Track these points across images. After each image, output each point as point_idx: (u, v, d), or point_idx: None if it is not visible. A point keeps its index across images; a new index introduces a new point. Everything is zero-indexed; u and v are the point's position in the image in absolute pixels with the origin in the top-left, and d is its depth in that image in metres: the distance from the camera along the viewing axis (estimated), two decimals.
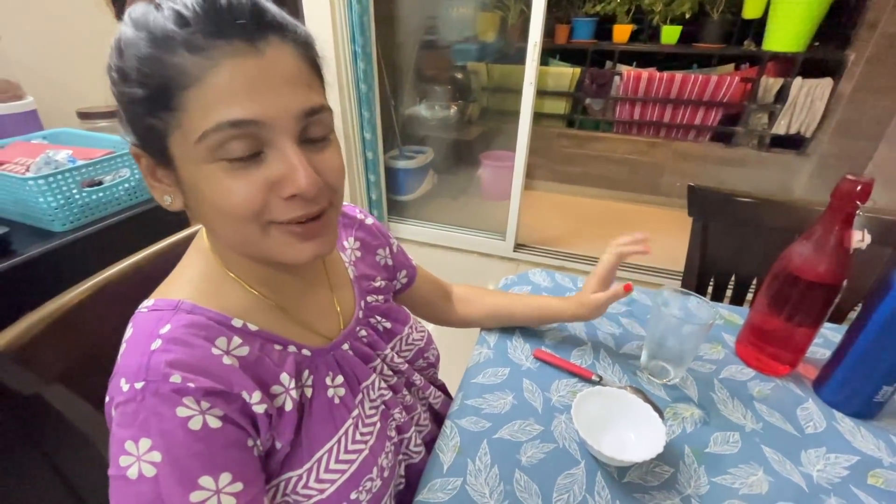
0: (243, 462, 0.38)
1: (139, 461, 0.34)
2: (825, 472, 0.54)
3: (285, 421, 0.42)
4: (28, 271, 0.75)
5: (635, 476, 0.53)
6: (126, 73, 0.35)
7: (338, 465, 0.45)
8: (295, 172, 0.36)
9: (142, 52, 0.34)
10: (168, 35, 0.33)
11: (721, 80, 2.61)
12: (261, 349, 0.43)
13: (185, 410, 0.35)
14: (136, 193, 0.94)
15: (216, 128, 0.34)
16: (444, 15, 2.76)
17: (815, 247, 0.60)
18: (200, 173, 0.36)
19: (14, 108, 0.97)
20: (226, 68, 0.34)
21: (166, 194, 0.41)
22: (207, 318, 0.40)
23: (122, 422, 0.35)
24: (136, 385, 0.35)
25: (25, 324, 0.45)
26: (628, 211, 2.92)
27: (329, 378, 0.48)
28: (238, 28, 0.34)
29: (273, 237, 0.39)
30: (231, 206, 0.37)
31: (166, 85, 0.34)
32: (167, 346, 0.37)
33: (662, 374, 0.66)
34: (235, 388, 0.38)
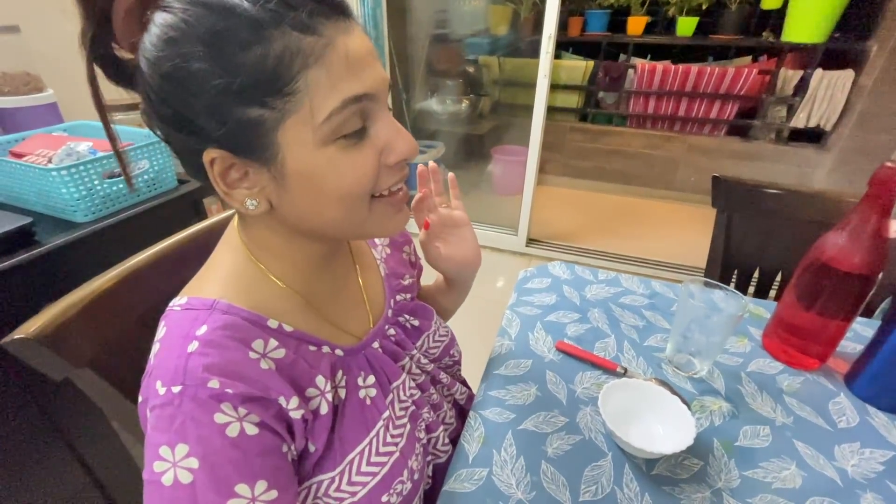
0: (278, 469, 0.37)
1: (175, 467, 0.33)
2: (860, 466, 0.52)
3: (320, 424, 0.42)
4: (51, 261, 0.76)
5: (664, 469, 0.52)
6: (224, 62, 0.31)
7: (369, 468, 0.44)
8: (397, 138, 0.38)
9: (240, 37, 0.31)
10: (272, 17, 0.31)
11: (738, 73, 2.57)
12: (296, 351, 0.42)
13: (223, 417, 0.34)
14: (156, 185, 0.95)
15: (343, 104, 0.34)
16: (455, 8, 2.74)
17: (851, 236, 0.58)
18: (318, 157, 0.35)
19: (35, 101, 0.98)
20: (340, 45, 0.34)
21: (248, 198, 0.37)
22: (243, 318, 0.39)
23: (158, 426, 0.34)
24: (173, 389, 0.34)
25: (56, 310, 0.46)
26: (642, 206, 2.89)
27: (361, 378, 0.47)
28: (334, 8, 0.34)
29: (376, 211, 0.40)
30: (354, 183, 0.37)
31: (283, 68, 0.32)
32: (204, 349, 0.36)
33: (688, 367, 0.65)
34: (272, 394, 0.37)
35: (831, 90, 2.42)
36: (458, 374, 0.67)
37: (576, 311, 0.77)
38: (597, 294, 0.82)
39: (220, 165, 0.36)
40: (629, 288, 0.84)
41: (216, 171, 0.36)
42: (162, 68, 0.32)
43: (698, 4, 2.56)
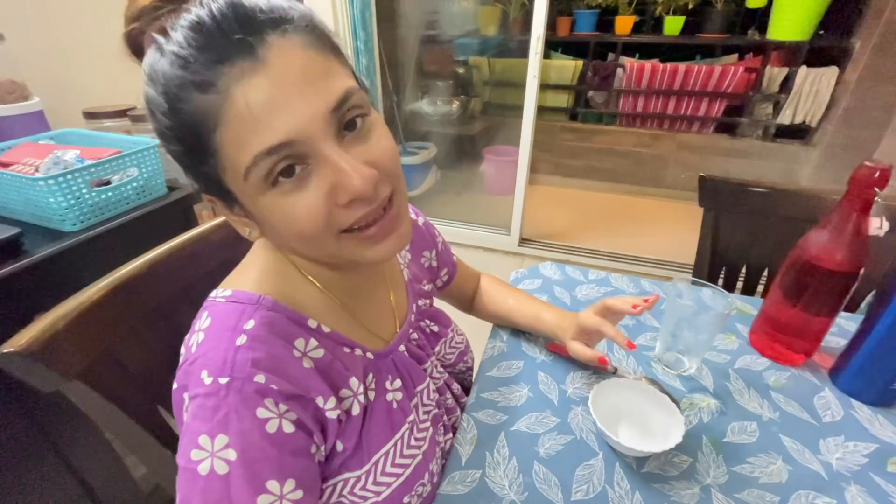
0: (307, 469, 0.38)
1: (213, 457, 0.34)
2: (844, 459, 0.53)
3: (352, 425, 0.42)
4: (40, 271, 0.76)
5: (654, 466, 0.52)
6: (163, 133, 0.35)
7: (393, 469, 0.45)
8: (346, 177, 0.34)
9: (164, 107, 0.33)
10: (177, 82, 0.32)
11: (725, 71, 2.59)
12: (333, 352, 0.43)
13: (265, 412, 0.35)
14: (145, 192, 0.94)
15: (254, 161, 0.33)
16: (445, 9, 2.75)
17: (833, 234, 0.59)
18: (261, 204, 0.36)
19: (21, 109, 0.97)
20: (238, 95, 0.31)
21: (247, 227, 0.41)
22: (287, 316, 0.40)
23: (199, 414, 0.35)
24: (220, 380, 0.35)
25: (45, 322, 0.45)
26: (633, 204, 2.91)
27: (389, 382, 0.48)
28: (234, 44, 0.31)
29: (346, 245, 0.38)
30: (300, 227, 0.36)
31: (196, 134, 0.33)
32: (252, 343, 0.36)
33: (677, 365, 0.66)
34: (312, 393, 0.38)
35: (816, 87, 2.45)
36: (469, 380, 0.68)
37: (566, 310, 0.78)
38: (587, 294, 0.83)
39: (218, 204, 0.40)
40: (619, 287, 0.85)
41: (219, 207, 0.40)
42: None
43: (685, 4, 2.59)
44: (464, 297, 0.75)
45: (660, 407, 0.55)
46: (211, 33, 0.31)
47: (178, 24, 0.32)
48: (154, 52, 0.33)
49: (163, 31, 0.33)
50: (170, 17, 0.32)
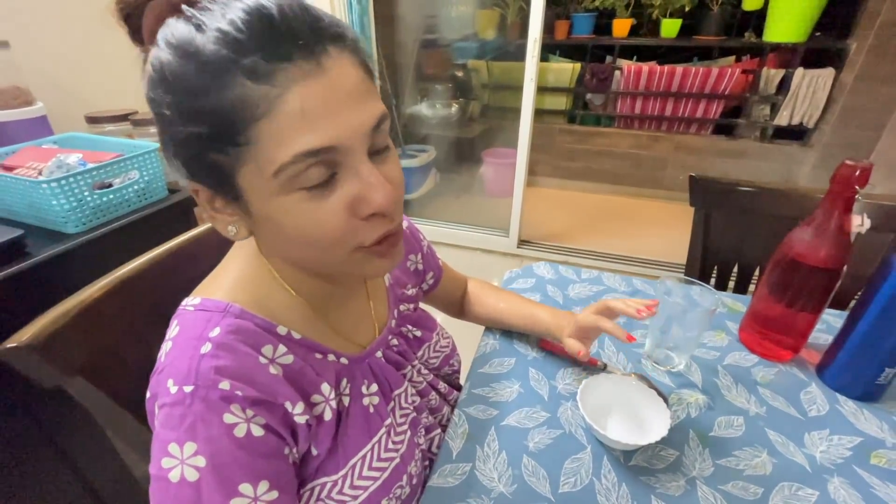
0: (280, 471, 0.38)
1: (182, 464, 0.34)
2: (828, 452, 0.54)
3: (324, 430, 0.43)
4: (43, 272, 0.77)
5: (641, 459, 0.54)
6: (180, 109, 0.32)
7: (370, 473, 0.46)
8: (373, 191, 0.35)
9: (195, 84, 0.31)
10: (225, 63, 0.30)
11: (722, 73, 2.61)
12: (304, 358, 0.43)
13: (232, 417, 0.35)
14: (146, 195, 0.96)
15: (294, 160, 0.32)
16: (443, 13, 2.77)
17: (816, 232, 0.60)
18: (276, 205, 0.35)
19: (24, 114, 0.99)
20: (295, 95, 0.31)
21: (230, 225, 0.39)
22: (255, 324, 0.40)
23: (167, 423, 0.35)
24: (185, 388, 0.35)
25: (47, 319, 0.47)
26: (631, 205, 2.92)
27: (364, 386, 0.48)
28: (299, 46, 0.31)
29: (355, 259, 0.39)
30: (316, 234, 0.36)
31: (232, 119, 0.31)
32: (216, 351, 0.37)
33: (667, 362, 0.67)
34: (279, 399, 0.39)
35: (813, 88, 2.47)
36: (456, 381, 0.68)
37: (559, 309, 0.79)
38: (580, 293, 0.84)
39: (203, 195, 0.38)
40: (611, 286, 0.86)
41: (202, 199, 0.38)
42: (149, 106, 0.35)
43: (682, 6, 2.61)
44: (451, 302, 0.76)
45: (647, 401, 0.56)
46: (278, 28, 0.31)
47: (228, 4, 0.31)
48: (184, 24, 0.32)
49: (193, 3, 0.32)
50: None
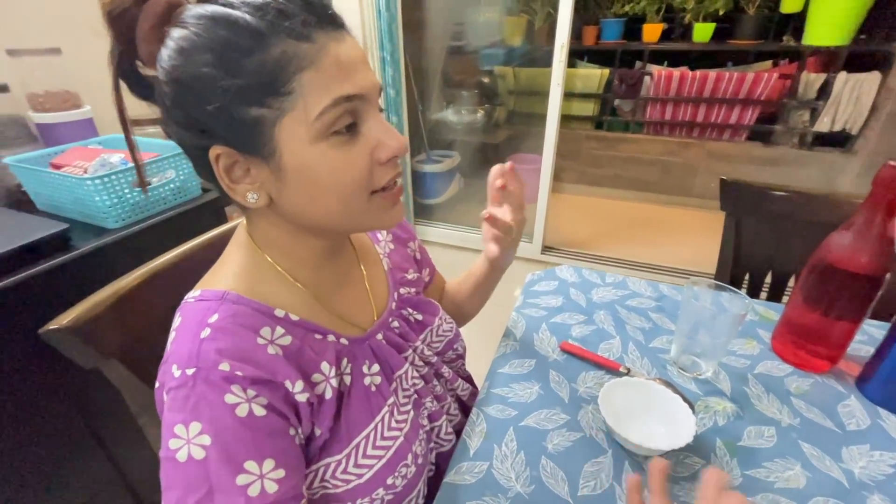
0: (286, 450, 0.39)
1: (189, 444, 0.36)
2: (868, 468, 0.51)
3: (325, 408, 0.44)
4: (85, 264, 0.81)
5: None
6: (227, 66, 0.35)
7: (375, 451, 0.46)
8: (388, 136, 0.41)
9: (243, 44, 0.35)
10: (269, 27, 0.35)
11: (758, 77, 2.53)
12: (302, 339, 0.44)
13: (233, 398, 0.37)
14: (180, 193, 1.00)
15: (334, 103, 0.37)
16: (471, 21, 2.79)
17: (856, 237, 0.58)
18: (312, 153, 0.38)
19: (73, 116, 1.05)
20: (332, 50, 0.37)
21: (249, 192, 0.40)
22: (252, 308, 0.42)
23: (173, 406, 0.37)
24: (187, 371, 0.37)
25: (87, 304, 0.49)
26: (660, 213, 2.85)
27: (366, 366, 0.49)
28: (327, 17, 0.38)
29: (375, 204, 0.43)
30: (347, 176, 0.40)
31: (280, 70, 0.35)
32: (216, 334, 0.38)
33: (693, 368, 0.65)
34: (279, 378, 0.40)
35: (857, 93, 2.36)
36: (461, 368, 0.68)
37: (581, 312, 0.78)
38: (603, 296, 0.82)
39: (224, 161, 0.39)
40: (637, 290, 0.84)
41: (221, 167, 0.39)
42: (175, 75, 0.36)
43: (715, 10, 2.55)
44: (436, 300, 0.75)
45: (672, 407, 0.55)
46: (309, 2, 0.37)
47: None
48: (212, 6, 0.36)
49: None
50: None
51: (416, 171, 2.45)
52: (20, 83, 0.99)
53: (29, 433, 0.79)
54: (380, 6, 1.78)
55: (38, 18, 1.07)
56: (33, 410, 0.79)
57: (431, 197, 2.63)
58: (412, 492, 0.50)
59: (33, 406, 0.79)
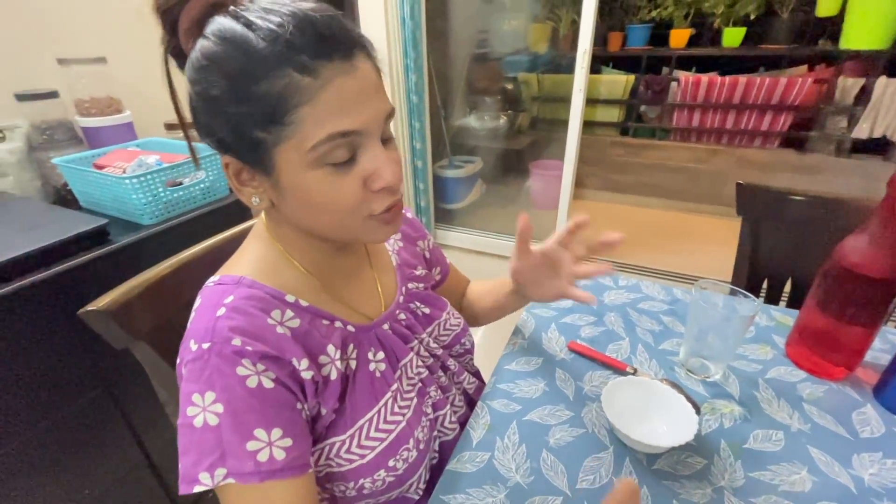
0: (293, 421, 0.42)
1: (204, 412, 0.39)
2: (879, 475, 0.50)
3: (330, 389, 0.47)
4: (121, 257, 0.87)
5: (665, 464, 0.52)
6: (234, 92, 0.37)
7: (377, 434, 0.49)
8: (384, 168, 0.42)
9: (249, 71, 0.36)
10: (278, 58, 0.36)
11: (791, 83, 2.46)
12: (310, 323, 0.47)
13: (244, 370, 0.40)
14: (210, 193, 1.06)
15: (328, 139, 0.38)
16: (496, 28, 2.81)
17: (871, 241, 0.57)
18: (306, 177, 0.40)
19: (115, 121, 1.12)
20: (333, 86, 0.38)
21: (254, 196, 0.45)
22: (265, 292, 0.46)
23: (190, 377, 0.41)
24: (203, 346, 0.40)
25: (120, 290, 0.54)
26: (686, 221, 2.79)
27: (371, 353, 0.52)
28: (337, 49, 0.38)
29: (367, 225, 0.45)
30: (337, 203, 0.42)
31: (280, 103, 0.37)
32: (230, 313, 0.42)
33: (702, 371, 0.65)
34: (287, 355, 0.43)
35: None
36: (469, 363, 0.70)
37: (592, 314, 0.78)
38: (615, 299, 0.82)
39: (233, 168, 0.43)
40: (649, 294, 0.84)
41: (230, 172, 0.44)
42: (195, 87, 0.40)
43: (746, 15, 2.50)
44: (454, 300, 0.76)
45: (675, 406, 0.55)
46: (322, 33, 0.37)
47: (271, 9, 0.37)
48: (232, 22, 0.38)
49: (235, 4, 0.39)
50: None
51: (437, 175, 2.48)
52: (68, 89, 1.07)
53: (64, 416, 0.84)
54: (404, 15, 1.82)
55: (86, 30, 1.15)
56: (69, 394, 0.85)
57: (452, 202, 2.65)
58: (413, 476, 0.52)
59: (70, 390, 0.85)
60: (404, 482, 0.51)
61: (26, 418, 0.79)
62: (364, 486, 0.49)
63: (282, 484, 0.40)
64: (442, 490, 0.50)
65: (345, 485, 0.49)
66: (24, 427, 0.79)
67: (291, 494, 0.41)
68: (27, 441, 0.80)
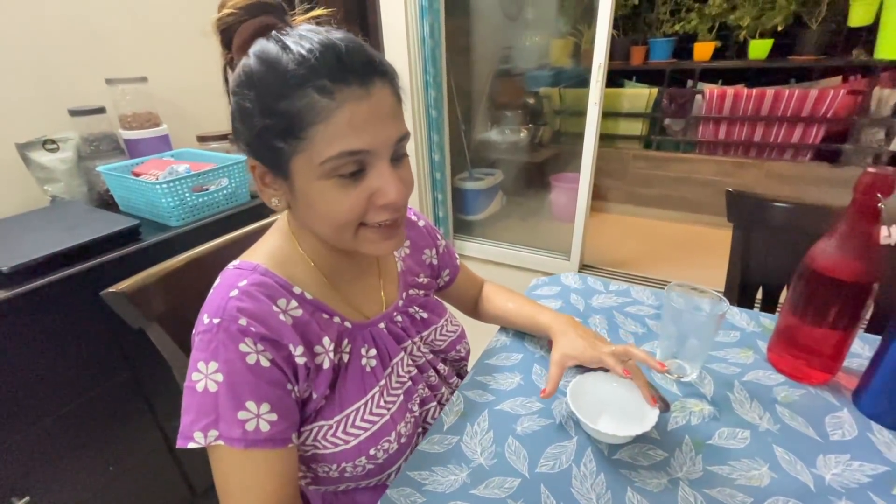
0: (281, 399, 0.47)
1: (206, 378, 0.45)
2: (842, 476, 0.50)
3: (321, 376, 0.52)
4: (150, 255, 0.97)
5: (626, 455, 0.54)
6: (261, 106, 0.42)
7: (362, 423, 0.53)
8: (389, 187, 0.45)
9: (276, 90, 0.41)
10: (302, 80, 0.40)
11: (823, 94, 2.39)
12: (311, 314, 0.53)
13: (245, 347, 0.46)
14: (232, 198, 1.15)
15: (338, 156, 0.42)
16: (518, 44, 2.88)
17: (839, 244, 0.57)
18: (315, 187, 0.44)
19: (153, 133, 1.25)
20: (347, 109, 0.41)
21: (274, 197, 0.50)
22: (275, 281, 0.51)
23: (199, 346, 0.46)
24: (213, 320, 0.46)
25: (140, 276, 0.61)
26: (710, 234, 2.73)
27: (364, 349, 0.57)
28: (355, 75, 0.42)
29: (361, 236, 0.48)
30: (339, 214, 0.46)
31: (298, 120, 0.41)
32: (241, 296, 0.47)
33: (678, 372, 0.66)
34: (284, 340, 0.48)
35: None
36: (463, 369, 0.74)
37: (578, 316, 0.81)
38: (603, 303, 0.85)
39: (258, 171, 0.49)
40: (638, 298, 0.85)
41: (256, 174, 0.49)
42: (234, 98, 0.46)
43: (773, 26, 2.46)
44: (466, 300, 0.81)
45: (638, 399, 0.57)
46: (343, 60, 0.41)
47: (306, 35, 0.42)
48: (273, 45, 0.42)
49: (279, 29, 0.44)
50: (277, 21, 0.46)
51: (457, 187, 2.54)
52: (113, 105, 1.20)
53: (90, 399, 0.93)
54: (424, 34, 1.91)
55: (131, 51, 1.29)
56: (97, 380, 0.94)
57: (472, 213, 2.70)
58: (392, 466, 0.56)
59: (98, 376, 0.94)
60: (383, 471, 0.56)
61: (61, 396, 0.89)
62: (346, 470, 0.53)
63: (263, 453, 0.46)
64: (409, 467, 0.54)
65: (328, 466, 0.53)
66: (57, 405, 0.88)
67: (270, 463, 0.46)
68: (61, 417, 0.89)
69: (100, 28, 1.21)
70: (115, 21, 1.23)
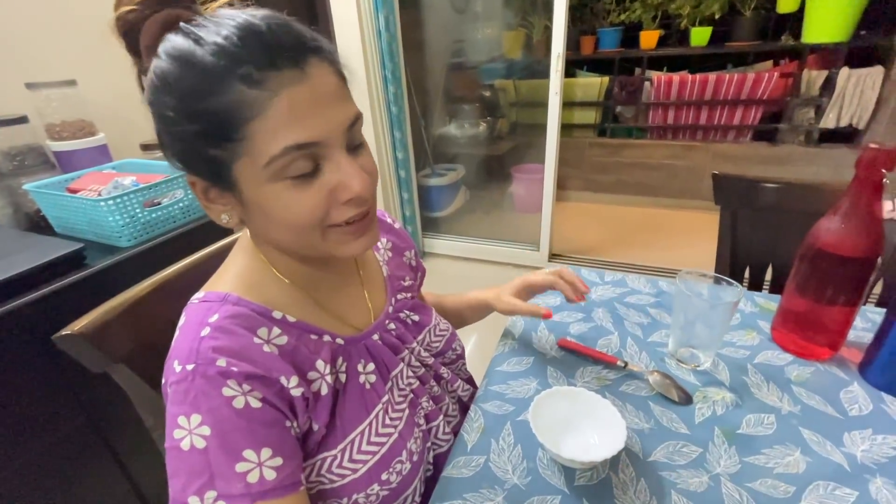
0: (282, 440, 0.41)
1: (191, 434, 0.38)
2: (871, 451, 0.51)
3: (321, 404, 0.46)
4: (98, 281, 0.85)
5: (661, 455, 0.52)
6: (183, 111, 0.36)
7: (369, 447, 0.48)
8: (351, 179, 0.40)
9: (196, 88, 0.35)
10: (223, 72, 0.35)
11: (758, 78, 2.54)
12: (298, 339, 0.46)
13: (230, 391, 0.39)
14: (189, 212, 1.04)
15: (283, 152, 0.37)
16: (470, 37, 2.86)
17: (843, 221, 0.58)
18: (266, 192, 0.39)
19: (88, 144, 1.10)
20: (283, 97, 0.36)
21: (223, 213, 0.44)
22: (251, 309, 0.44)
23: (175, 399, 0.39)
24: (187, 367, 0.39)
25: (98, 312, 0.52)
26: (667, 216, 2.84)
27: (361, 365, 0.51)
28: (285, 57, 0.36)
29: (330, 239, 0.43)
30: (299, 217, 0.40)
31: (229, 119, 0.36)
32: (214, 333, 0.41)
33: (692, 360, 0.65)
34: (274, 374, 0.42)
35: (860, 88, 2.35)
36: (462, 369, 0.69)
37: (580, 310, 0.79)
38: (602, 294, 0.83)
39: (199, 187, 0.42)
40: (635, 288, 0.84)
41: (198, 190, 0.43)
42: (151, 109, 0.39)
43: (711, 14, 2.57)
44: None
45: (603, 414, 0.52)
46: (267, 42, 0.35)
47: (220, 21, 0.36)
48: (182, 39, 0.36)
49: (189, 20, 0.38)
50: (185, 12, 0.39)
51: (421, 185, 2.49)
52: (38, 114, 1.04)
53: (46, 445, 0.81)
54: (379, 27, 1.84)
55: (55, 53, 1.13)
56: (49, 423, 0.82)
57: (437, 210, 2.66)
58: (408, 489, 0.51)
59: (49, 419, 0.82)
60: (399, 496, 0.50)
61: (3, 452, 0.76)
62: (358, 502, 0.48)
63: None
64: (438, 497, 0.49)
65: (338, 501, 0.47)
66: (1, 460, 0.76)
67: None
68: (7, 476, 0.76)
69: (14, 27, 1.05)
70: (32, 17, 1.08)
